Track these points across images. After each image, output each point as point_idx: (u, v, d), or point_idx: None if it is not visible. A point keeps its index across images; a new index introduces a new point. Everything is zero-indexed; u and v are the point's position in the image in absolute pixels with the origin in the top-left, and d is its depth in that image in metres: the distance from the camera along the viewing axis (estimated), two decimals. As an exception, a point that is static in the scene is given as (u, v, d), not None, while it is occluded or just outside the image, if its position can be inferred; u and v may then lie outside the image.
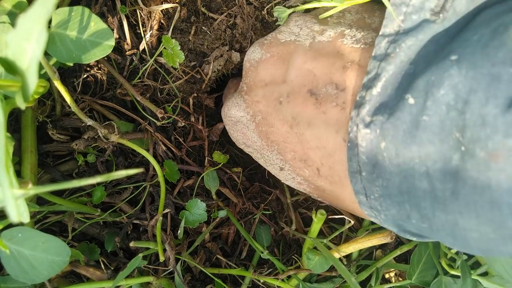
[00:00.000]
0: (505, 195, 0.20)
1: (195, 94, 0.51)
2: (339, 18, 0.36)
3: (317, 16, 0.38)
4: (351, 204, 0.34)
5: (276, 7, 0.38)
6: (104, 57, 0.36)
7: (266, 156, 0.40)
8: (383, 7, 0.35)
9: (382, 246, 0.53)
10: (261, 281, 0.50)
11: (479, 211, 0.22)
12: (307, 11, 0.41)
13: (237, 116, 0.40)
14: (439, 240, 0.27)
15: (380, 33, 0.28)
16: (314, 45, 0.35)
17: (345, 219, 0.47)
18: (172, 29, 0.45)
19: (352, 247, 0.48)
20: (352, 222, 0.46)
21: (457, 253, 0.46)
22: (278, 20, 0.39)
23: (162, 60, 0.47)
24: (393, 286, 0.51)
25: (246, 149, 0.43)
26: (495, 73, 0.21)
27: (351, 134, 0.28)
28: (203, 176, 0.51)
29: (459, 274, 0.44)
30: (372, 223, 0.52)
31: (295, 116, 0.34)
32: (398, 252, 0.50)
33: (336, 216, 0.46)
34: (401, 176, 0.25)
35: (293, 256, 0.52)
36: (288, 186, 0.58)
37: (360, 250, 0.51)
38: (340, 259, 0.48)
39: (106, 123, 0.45)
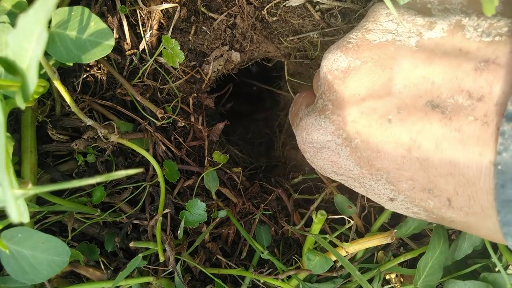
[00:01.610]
0: None
1: (195, 94, 0.51)
2: (442, 2, 0.29)
3: (410, 4, 0.31)
4: (490, 234, 0.29)
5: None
6: (104, 57, 0.36)
7: (369, 185, 0.33)
8: None
9: (384, 247, 0.53)
10: (261, 281, 0.50)
11: None
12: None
13: (322, 141, 0.33)
14: None
15: None
16: (423, 44, 0.28)
17: (345, 219, 0.47)
18: (172, 29, 0.45)
19: (353, 248, 0.48)
20: (352, 222, 0.46)
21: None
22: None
23: (162, 60, 0.47)
24: None
25: (336, 177, 0.36)
26: None
27: (505, 153, 0.22)
28: (203, 176, 0.51)
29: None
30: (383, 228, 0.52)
31: (414, 137, 0.27)
32: (402, 259, 0.50)
33: (336, 216, 0.46)
34: None
35: (293, 257, 0.52)
36: (294, 185, 0.58)
37: (362, 250, 0.51)
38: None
39: (106, 123, 0.45)
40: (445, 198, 0.28)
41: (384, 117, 0.28)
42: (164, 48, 0.44)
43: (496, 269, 0.47)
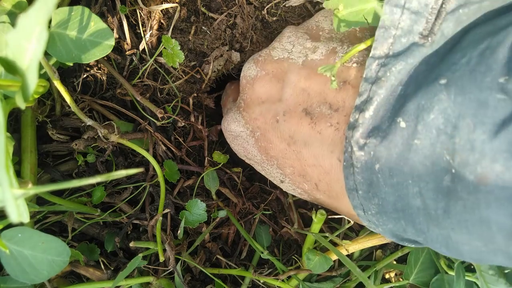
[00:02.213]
0: (494, 214, 0.21)
1: (195, 94, 0.51)
2: (330, 32, 0.36)
3: (309, 30, 0.38)
4: (350, 215, 0.36)
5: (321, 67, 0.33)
6: (104, 57, 0.36)
7: (267, 169, 0.40)
8: None
9: (382, 246, 0.53)
10: (261, 281, 0.50)
11: (470, 228, 0.23)
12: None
13: (236, 131, 0.40)
14: (434, 249, 0.28)
15: (371, 55, 0.28)
16: (307, 64, 0.35)
17: (345, 219, 0.47)
18: (172, 29, 0.45)
19: (352, 247, 0.48)
20: (352, 222, 0.46)
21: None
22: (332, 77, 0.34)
23: (162, 60, 0.47)
24: (392, 286, 0.51)
25: (247, 161, 0.43)
26: (482, 98, 0.22)
27: (346, 154, 0.28)
28: (203, 176, 0.51)
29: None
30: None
31: (292, 135, 0.34)
32: (399, 254, 0.50)
33: (336, 216, 0.46)
34: (396, 195, 0.26)
35: (293, 257, 0.52)
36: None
37: (361, 250, 0.51)
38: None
39: (106, 123, 0.45)
40: (314, 183, 0.35)
41: (274, 117, 0.36)
42: (164, 48, 0.44)
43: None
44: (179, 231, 0.47)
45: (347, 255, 0.50)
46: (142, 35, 0.45)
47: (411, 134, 0.25)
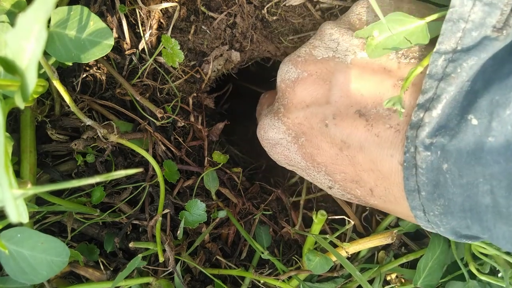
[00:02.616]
0: None
1: (195, 94, 0.51)
2: None
3: (351, 25, 0.35)
4: (406, 216, 0.34)
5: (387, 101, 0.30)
6: (103, 56, 0.36)
7: (313, 175, 0.39)
8: (427, 11, 0.33)
9: (385, 247, 0.53)
10: (261, 281, 0.50)
11: None
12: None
13: (275, 139, 0.39)
14: (498, 246, 0.28)
15: (435, 49, 0.26)
16: (356, 62, 0.33)
17: (345, 219, 0.47)
18: (172, 28, 0.45)
19: (353, 248, 0.48)
20: (353, 222, 0.46)
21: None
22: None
23: (161, 59, 0.47)
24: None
25: (289, 167, 0.42)
26: None
27: (408, 154, 0.27)
28: (203, 176, 0.51)
29: (488, 280, 0.44)
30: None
31: (344, 139, 0.32)
32: (404, 260, 0.50)
33: (336, 217, 0.46)
34: (464, 195, 0.26)
35: (294, 257, 0.52)
36: (292, 186, 0.58)
37: (363, 250, 0.51)
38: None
39: (105, 123, 0.45)
40: (368, 188, 0.34)
41: (323, 121, 0.34)
42: (164, 47, 0.44)
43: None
44: (178, 232, 0.47)
45: (349, 256, 0.50)
46: (142, 34, 0.45)
47: (484, 131, 0.24)
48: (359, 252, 0.52)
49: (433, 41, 0.28)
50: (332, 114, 0.33)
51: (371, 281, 0.51)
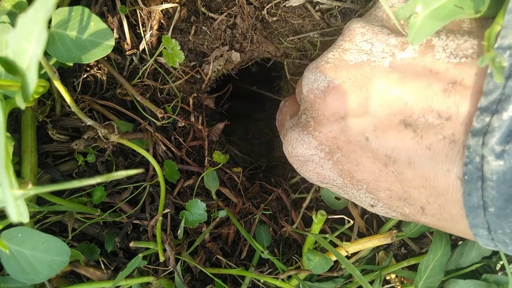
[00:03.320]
0: None
1: (195, 94, 0.51)
2: None
3: (384, 21, 0.31)
4: (463, 234, 0.31)
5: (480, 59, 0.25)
6: (104, 57, 0.36)
7: (351, 193, 0.35)
8: None
9: (385, 248, 0.53)
10: (261, 281, 0.50)
11: None
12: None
13: (306, 155, 0.35)
14: None
15: (497, 45, 0.23)
16: (396, 65, 0.29)
17: (345, 219, 0.47)
18: (172, 29, 0.45)
19: (353, 248, 0.48)
20: (352, 222, 0.46)
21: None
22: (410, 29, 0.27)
23: (162, 60, 0.47)
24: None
25: (322, 185, 0.38)
26: None
27: (470, 166, 0.24)
28: (203, 176, 0.51)
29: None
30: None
31: (389, 154, 0.29)
32: (405, 264, 0.50)
33: (336, 216, 0.46)
34: None
35: (293, 257, 0.52)
36: (293, 185, 0.58)
37: (363, 251, 0.51)
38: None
39: (106, 123, 0.45)
40: (419, 206, 0.30)
41: (362, 134, 0.30)
42: (164, 48, 0.44)
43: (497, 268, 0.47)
44: (179, 231, 0.47)
45: (350, 256, 0.50)
46: (142, 35, 0.45)
47: None
48: (358, 252, 0.52)
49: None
50: (372, 126, 0.29)
51: (371, 282, 0.51)
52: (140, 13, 0.44)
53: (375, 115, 0.29)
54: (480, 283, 0.45)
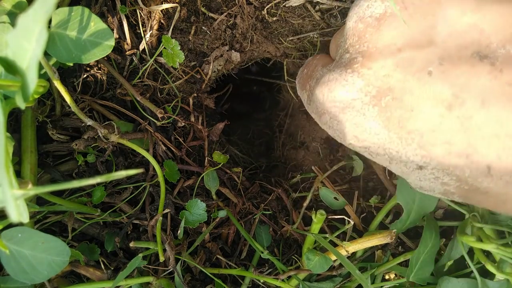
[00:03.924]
0: None
1: (195, 94, 0.51)
2: None
3: None
4: None
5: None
6: (104, 57, 0.36)
7: (395, 152, 0.29)
8: None
9: (383, 247, 0.53)
10: (261, 281, 0.50)
11: None
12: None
13: (346, 100, 0.29)
14: None
15: None
16: None
17: (345, 219, 0.47)
18: (172, 29, 0.45)
19: (352, 248, 0.48)
20: (352, 222, 0.46)
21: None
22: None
23: (162, 60, 0.47)
24: (391, 286, 0.51)
25: (356, 144, 0.31)
26: None
27: None
28: (203, 176, 0.51)
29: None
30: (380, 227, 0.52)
31: (457, 93, 0.24)
32: (401, 259, 0.50)
33: (336, 216, 0.46)
34: None
35: (293, 256, 0.52)
36: (293, 185, 0.58)
37: (362, 250, 0.51)
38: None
39: (106, 123, 0.45)
40: (485, 165, 0.25)
41: (424, 69, 0.25)
42: (164, 48, 0.44)
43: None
44: (179, 231, 0.47)
45: (348, 255, 0.50)
46: (142, 35, 0.45)
47: None
48: (357, 251, 0.52)
49: None
50: (438, 58, 0.25)
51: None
52: (140, 13, 0.45)
53: (442, 47, 0.25)
54: (472, 281, 0.45)
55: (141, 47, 0.46)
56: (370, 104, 0.28)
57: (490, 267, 0.42)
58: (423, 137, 0.27)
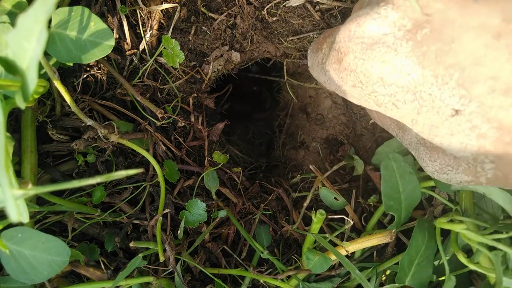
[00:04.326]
0: None
1: (195, 94, 0.51)
2: None
3: None
4: None
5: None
6: (104, 57, 0.36)
7: (427, 96, 0.26)
8: None
9: (382, 246, 0.53)
10: (261, 281, 0.50)
11: None
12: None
13: (376, 35, 0.26)
14: None
15: None
16: None
17: (345, 219, 0.47)
18: (172, 29, 0.45)
19: (352, 247, 0.48)
20: (352, 222, 0.46)
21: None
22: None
23: (162, 60, 0.47)
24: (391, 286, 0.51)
25: (380, 90, 0.28)
26: None
27: None
28: (203, 176, 0.51)
29: (477, 269, 0.42)
30: (379, 226, 0.52)
31: (508, 17, 0.22)
32: (400, 258, 0.50)
33: (336, 216, 0.46)
34: None
35: (293, 256, 0.52)
36: (293, 185, 0.58)
37: (362, 250, 0.51)
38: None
39: (106, 123, 0.45)
40: None
41: None
42: (164, 48, 0.44)
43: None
44: (179, 231, 0.47)
45: (348, 255, 0.50)
46: (142, 35, 0.45)
47: None
48: (357, 251, 0.52)
49: None
50: None
51: (368, 279, 0.51)
52: (140, 13, 0.45)
53: None
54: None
55: (141, 47, 0.46)
56: (403, 38, 0.26)
57: (461, 258, 0.42)
58: (464, 73, 0.24)
